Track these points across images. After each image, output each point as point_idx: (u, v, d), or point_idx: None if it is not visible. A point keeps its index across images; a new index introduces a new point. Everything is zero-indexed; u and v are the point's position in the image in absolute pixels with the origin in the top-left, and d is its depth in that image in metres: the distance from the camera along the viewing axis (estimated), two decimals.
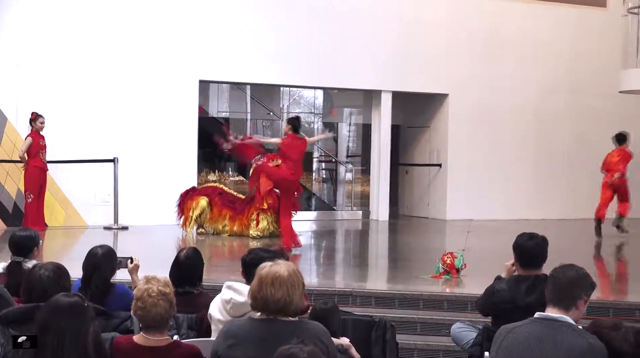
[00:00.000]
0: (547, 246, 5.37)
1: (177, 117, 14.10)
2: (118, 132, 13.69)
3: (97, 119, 13.58)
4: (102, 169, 13.25)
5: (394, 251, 11.93)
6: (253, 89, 17.24)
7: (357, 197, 17.38)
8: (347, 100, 18.25)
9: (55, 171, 13.00)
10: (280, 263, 3.72)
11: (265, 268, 3.73)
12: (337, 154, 18.43)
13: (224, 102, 18.15)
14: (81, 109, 13.50)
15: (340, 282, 8.82)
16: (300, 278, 3.73)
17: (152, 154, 13.88)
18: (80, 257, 5.28)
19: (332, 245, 12.70)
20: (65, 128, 13.32)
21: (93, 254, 5.18)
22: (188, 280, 5.19)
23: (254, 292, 3.70)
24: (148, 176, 13.82)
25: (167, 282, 4.10)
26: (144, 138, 13.87)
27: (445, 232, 14.63)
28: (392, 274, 9.46)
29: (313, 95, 18.35)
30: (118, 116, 13.70)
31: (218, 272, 8.98)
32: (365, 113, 17.43)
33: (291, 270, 3.71)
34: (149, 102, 13.92)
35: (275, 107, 17.85)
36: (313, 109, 18.42)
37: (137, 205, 13.57)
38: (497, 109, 16.48)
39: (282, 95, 18.14)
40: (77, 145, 13.35)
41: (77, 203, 13.45)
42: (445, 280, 8.50)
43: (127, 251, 6.70)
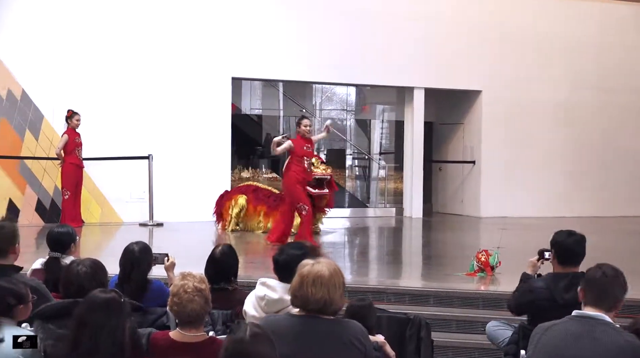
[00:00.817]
0: (585, 243, 5.31)
1: (211, 114, 14.15)
2: (152, 129, 13.77)
3: (132, 116, 13.67)
4: (137, 166, 13.33)
5: (428, 248, 11.88)
6: (285, 86, 17.24)
7: (391, 194, 17.32)
8: (380, 97, 18.19)
9: (91, 168, 13.11)
10: (322, 262, 3.69)
11: (307, 266, 3.70)
12: (369, 150, 18.37)
13: (256, 99, 18.17)
14: (116, 107, 13.60)
15: (374, 279, 8.79)
16: (341, 278, 3.70)
17: (186, 151, 13.95)
18: (116, 253, 5.31)
19: (365, 242, 12.67)
20: (101, 125, 13.43)
21: (130, 251, 5.21)
22: (223, 277, 5.20)
23: (294, 289, 3.68)
24: (182, 173, 13.89)
25: (202, 278, 4.11)
26: (178, 135, 13.94)
27: (479, 229, 14.53)
28: (426, 271, 9.40)
29: (346, 92, 18.30)
30: (152, 114, 13.78)
31: (253, 268, 8.99)
32: (398, 110, 17.36)
33: (332, 270, 3.67)
34: (182, 99, 13.99)
35: (307, 105, 17.84)
36: (346, 106, 18.37)
37: (172, 202, 13.64)
38: (530, 105, 16.33)
39: (315, 92, 18.11)
40: (113, 142, 13.45)
41: (112, 200, 13.56)
42: (480, 277, 8.43)
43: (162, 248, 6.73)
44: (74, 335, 3.58)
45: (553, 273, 5.35)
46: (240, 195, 12.64)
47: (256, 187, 12.88)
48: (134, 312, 4.27)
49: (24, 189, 13.10)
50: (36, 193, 13.16)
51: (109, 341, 3.54)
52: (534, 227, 13.84)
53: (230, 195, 12.77)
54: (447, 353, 7.02)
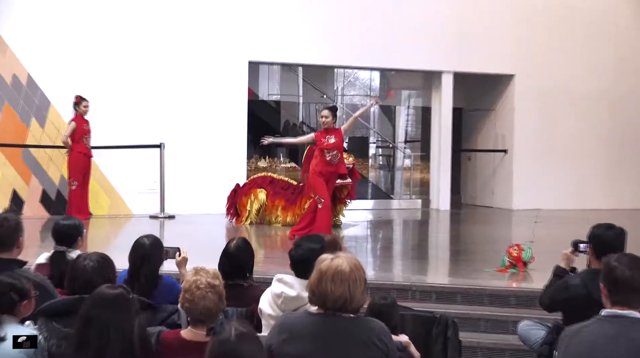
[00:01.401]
0: (625, 237, 5.26)
1: (226, 100, 14.16)
2: (164, 116, 13.80)
3: (143, 102, 13.70)
4: (148, 155, 13.37)
5: (456, 243, 11.83)
6: (305, 71, 17.22)
7: (416, 184, 17.28)
8: (406, 82, 18.13)
9: (99, 157, 13.17)
10: (342, 256, 3.67)
11: (325, 261, 3.68)
12: (394, 138, 18.34)
13: (274, 84, 18.18)
14: (126, 93, 13.63)
15: (399, 275, 8.76)
16: (362, 274, 3.68)
17: (199, 139, 13.97)
18: (125, 246, 5.32)
19: (389, 236, 12.65)
20: (110, 112, 13.48)
21: (140, 245, 5.22)
22: (238, 272, 5.20)
23: (312, 286, 3.67)
24: (195, 162, 13.92)
25: (216, 273, 4.11)
26: (191, 122, 13.96)
27: (511, 222, 14.46)
28: (454, 267, 9.37)
29: (369, 77, 18.26)
30: (164, 100, 13.81)
31: (269, 263, 9.01)
32: (424, 95, 17.30)
33: (353, 265, 3.66)
34: (196, 84, 14.00)
35: (328, 90, 17.82)
36: (369, 91, 18.33)
37: (184, 193, 13.68)
38: (566, 90, 16.21)
39: (336, 77, 18.08)
40: (122, 130, 13.50)
41: (122, 190, 13.62)
42: (511, 274, 8.39)
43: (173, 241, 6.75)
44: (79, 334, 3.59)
45: (591, 269, 5.31)
46: (260, 190, 12.57)
47: (272, 178, 12.83)
48: (144, 309, 4.28)
49: (28, 179, 13.18)
50: (41, 183, 13.24)
51: (117, 340, 3.55)
52: (569, 219, 13.76)
53: (247, 189, 12.70)
54: (476, 354, 6.99)
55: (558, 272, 5.64)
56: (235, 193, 12.80)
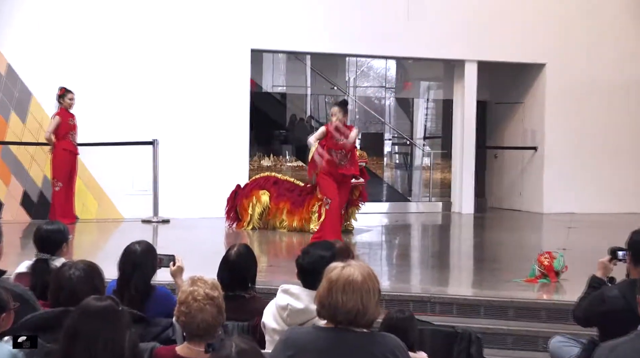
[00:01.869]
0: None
1: (226, 92, 14.17)
2: (158, 110, 13.81)
3: (135, 95, 13.72)
4: (141, 153, 13.40)
5: (480, 250, 11.82)
6: (314, 60, 17.24)
7: (437, 186, 17.27)
8: (425, 72, 18.13)
9: (87, 155, 13.20)
10: (353, 264, 3.66)
11: (335, 270, 3.67)
12: (412, 134, 18.33)
13: (279, 75, 18.21)
14: (116, 84, 13.65)
15: (417, 285, 8.78)
16: (376, 284, 3.67)
17: (197, 135, 13.98)
18: (115, 254, 5.33)
19: (406, 243, 12.64)
20: (99, 105, 13.50)
21: (131, 251, 5.22)
22: (239, 283, 5.21)
23: (321, 297, 3.66)
24: (193, 161, 13.93)
25: (215, 284, 4.11)
26: (188, 117, 13.98)
27: (541, 227, 14.45)
28: (478, 277, 9.37)
29: (384, 66, 18.27)
30: (158, 92, 13.82)
31: (273, 273, 9.00)
32: (445, 87, 17.28)
33: (366, 274, 3.65)
34: (192, 75, 14.01)
35: (339, 81, 17.83)
36: (384, 82, 18.34)
37: (180, 195, 13.70)
38: (603, 82, 16.17)
39: (348, 66, 18.10)
40: (112, 125, 13.52)
41: (111, 192, 13.64)
42: (542, 284, 8.39)
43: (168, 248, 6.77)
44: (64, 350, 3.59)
45: (630, 279, 5.30)
46: (262, 191, 12.57)
47: (276, 178, 12.82)
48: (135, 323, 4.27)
49: (7, 180, 13.22)
50: (22, 184, 13.28)
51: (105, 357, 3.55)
52: (606, 224, 13.73)
53: (248, 191, 12.70)
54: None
55: (594, 283, 5.62)
56: (236, 196, 12.81)
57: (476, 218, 15.35)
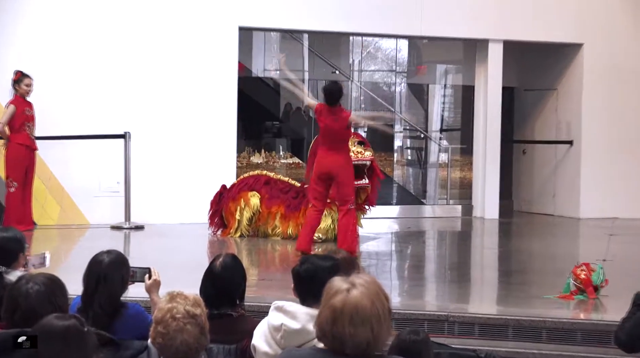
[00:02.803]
0: None
1: (210, 77, 14.16)
2: (130, 98, 13.81)
3: (104, 81, 13.71)
4: (110, 148, 13.40)
5: (507, 261, 11.83)
6: (312, 40, 17.24)
7: (455, 186, 17.28)
8: (442, 53, 18.13)
9: (47, 151, 13.21)
10: (358, 284, 3.56)
11: (339, 295, 3.56)
12: (427, 126, 18.34)
13: (272, 57, 18.20)
14: (82, 68, 13.65)
15: (432, 302, 8.78)
16: (386, 304, 3.59)
17: (175, 127, 13.98)
18: (80, 266, 5.33)
19: (420, 252, 12.64)
20: (61, 93, 13.51)
21: (98, 262, 5.22)
22: (225, 299, 5.21)
23: (322, 324, 3.57)
24: (171, 157, 13.93)
25: (197, 300, 4.12)
26: (165, 107, 13.97)
27: (578, 234, 14.47)
28: (503, 292, 9.37)
29: (395, 46, 18.27)
30: (130, 78, 13.82)
31: (265, 287, 9.01)
32: (466, 71, 17.29)
33: (374, 295, 3.55)
34: (170, 57, 14.01)
35: (342, 64, 17.83)
36: (395, 65, 18.34)
37: (156, 197, 13.70)
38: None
39: (352, 47, 18.10)
40: (77, 115, 13.52)
41: (75, 194, 13.64)
42: (578, 301, 8.38)
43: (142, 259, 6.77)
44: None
45: None
46: (252, 193, 12.55)
47: (268, 178, 12.79)
48: (103, 346, 4.29)
49: None
50: None
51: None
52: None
53: (235, 192, 12.68)
54: None
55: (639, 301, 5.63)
56: (221, 198, 12.79)
57: (501, 224, 15.36)
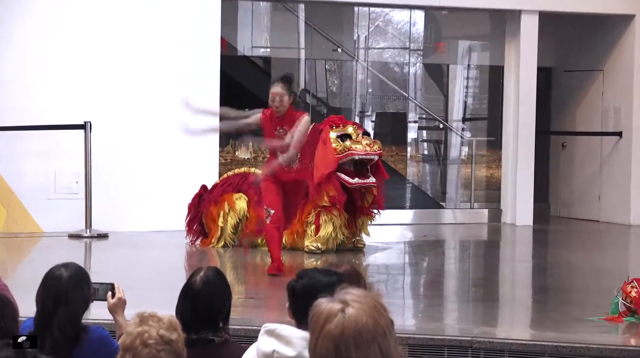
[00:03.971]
0: None
1: (186, 56, 14.17)
2: (91, 83, 13.81)
3: (59, 62, 13.72)
4: (67, 142, 13.40)
5: (542, 276, 11.85)
6: (309, 10, 17.24)
7: (481, 186, 17.28)
8: (464, 27, 18.13)
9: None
10: (350, 301, 3.56)
11: (334, 318, 3.54)
12: (447, 115, 18.34)
13: (261, 32, 18.19)
14: (34, 49, 13.66)
15: (453, 325, 8.80)
16: (387, 316, 3.62)
17: (145, 117, 13.97)
18: (32, 282, 5.34)
19: (438, 266, 12.66)
20: (9, 77, 13.53)
21: (55, 278, 5.23)
22: (206, 321, 5.22)
23: (321, 355, 3.58)
24: (140, 153, 13.93)
25: (172, 323, 4.13)
26: (132, 92, 13.97)
27: (628, 244, 14.49)
28: (539, 314, 9.39)
29: (408, 19, 18.27)
30: (91, 58, 13.82)
31: (254, 307, 9.03)
32: (493, 48, 17.30)
33: (372, 309, 3.55)
34: (140, 33, 14.01)
35: (345, 40, 17.83)
36: (408, 41, 18.33)
37: (123, 200, 13.71)
38: None
39: (358, 19, 18.09)
40: (27, 103, 13.53)
41: (26, 196, 13.64)
42: (628, 324, 8.40)
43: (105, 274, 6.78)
44: None
45: None
46: (236, 195, 12.55)
47: (256, 177, 12.79)
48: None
49: None
50: None
51: None
52: None
53: (218, 194, 12.66)
54: None
55: None
56: (201, 201, 12.80)
57: (536, 231, 15.37)
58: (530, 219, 15.81)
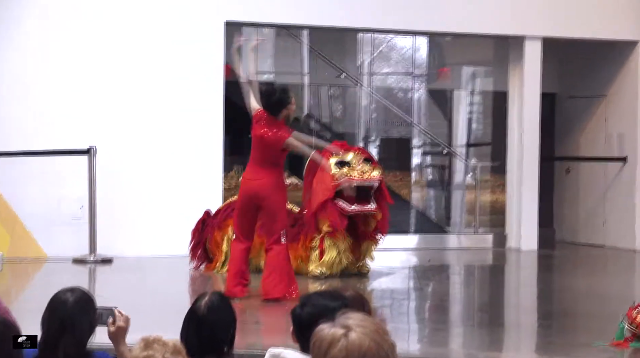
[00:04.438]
0: None
1: (191, 82, 14.18)
2: (96, 108, 13.83)
3: (65, 87, 13.73)
4: (72, 167, 13.41)
5: (548, 301, 11.84)
6: (314, 36, 17.26)
7: (486, 211, 17.26)
8: (468, 52, 18.15)
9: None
10: (352, 325, 3.55)
11: (337, 344, 3.51)
12: (450, 140, 18.34)
13: (266, 57, 18.22)
14: (38, 72, 13.68)
15: (458, 350, 8.79)
16: (389, 339, 3.62)
17: (149, 142, 13.98)
18: (36, 308, 5.33)
19: (443, 291, 12.64)
20: (13, 101, 13.54)
21: (61, 303, 5.21)
22: (211, 346, 5.20)
23: None
24: (144, 178, 13.93)
25: (177, 348, 4.11)
26: (137, 117, 13.99)
27: (633, 269, 14.46)
28: (544, 339, 9.37)
29: (412, 45, 18.30)
30: (96, 84, 13.83)
31: (259, 332, 9.07)
32: (497, 74, 17.30)
33: (375, 333, 3.54)
34: (145, 58, 14.03)
35: (349, 66, 17.85)
36: (412, 67, 18.36)
37: (127, 225, 13.70)
38: None
39: (361, 45, 18.11)
40: (31, 127, 13.55)
41: (30, 221, 13.64)
42: (634, 350, 8.37)
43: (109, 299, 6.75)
44: None
45: None
46: None
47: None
48: None
49: None
50: None
51: None
52: None
53: (221, 219, 12.65)
54: None
55: None
56: (205, 226, 12.80)
57: (541, 256, 15.36)
58: (535, 244, 15.80)
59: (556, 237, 17.28)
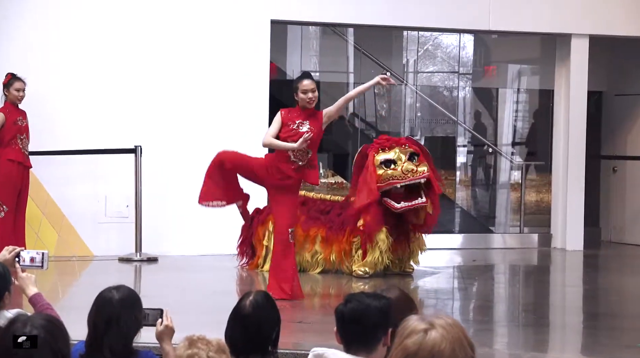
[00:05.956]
0: None
1: (236, 80, 14.19)
2: (142, 107, 13.88)
3: (111, 87, 13.77)
4: (118, 166, 13.47)
5: (594, 302, 11.77)
6: (359, 35, 17.26)
7: (531, 211, 17.19)
8: (514, 50, 18.09)
9: (42, 168, 13.30)
10: (437, 325, 3.54)
11: (414, 336, 3.54)
12: (496, 139, 18.28)
13: (310, 56, 18.23)
14: (84, 71, 13.72)
15: (503, 351, 8.75)
16: (470, 353, 3.59)
17: (195, 140, 14.00)
18: (82, 305, 5.36)
19: (487, 290, 12.61)
20: (60, 100, 13.61)
21: (107, 300, 5.25)
22: (255, 345, 5.21)
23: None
24: (190, 177, 13.92)
25: (221, 346, 4.14)
26: (183, 116, 14.02)
27: None
28: (589, 339, 9.35)
29: (457, 43, 18.26)
30: (142, 84, 13.87)
31: (303, 331, 9.02)
32: (543, 72, 17.23)
33: (456, 340, 3.52)
34: (190, 57, 14.06)
35: (394, 64, 17.84)
36: (457, 65, 18.32)
37: (173, 224, 13.74)
38: None
39: (407, 43, 18.09)
40: (78, 127, 13.60)
41: (77, 220, 13.70)
42: None
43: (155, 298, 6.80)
44: None
45: None
46: None
47: (305, 198, 12.74)
48: None
49: None
50: None
51: None
52: None
53: (264, 215, 12.63)
54: None
55: None
56: (252, 223, 12.78)
57: (587, 256, 15.27)
58: (581, 244, 15.71)
59: (602, 237, 17.19)
